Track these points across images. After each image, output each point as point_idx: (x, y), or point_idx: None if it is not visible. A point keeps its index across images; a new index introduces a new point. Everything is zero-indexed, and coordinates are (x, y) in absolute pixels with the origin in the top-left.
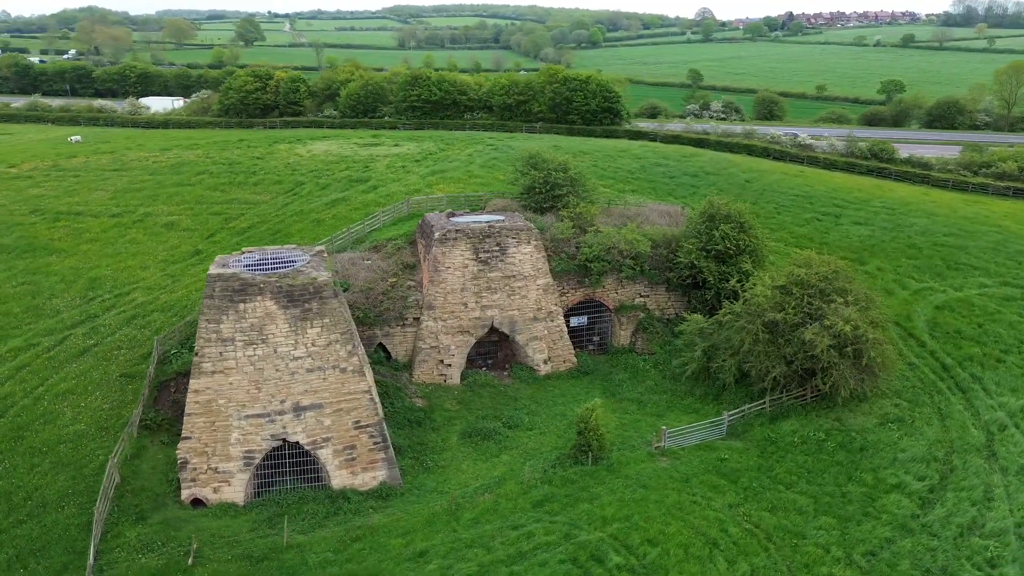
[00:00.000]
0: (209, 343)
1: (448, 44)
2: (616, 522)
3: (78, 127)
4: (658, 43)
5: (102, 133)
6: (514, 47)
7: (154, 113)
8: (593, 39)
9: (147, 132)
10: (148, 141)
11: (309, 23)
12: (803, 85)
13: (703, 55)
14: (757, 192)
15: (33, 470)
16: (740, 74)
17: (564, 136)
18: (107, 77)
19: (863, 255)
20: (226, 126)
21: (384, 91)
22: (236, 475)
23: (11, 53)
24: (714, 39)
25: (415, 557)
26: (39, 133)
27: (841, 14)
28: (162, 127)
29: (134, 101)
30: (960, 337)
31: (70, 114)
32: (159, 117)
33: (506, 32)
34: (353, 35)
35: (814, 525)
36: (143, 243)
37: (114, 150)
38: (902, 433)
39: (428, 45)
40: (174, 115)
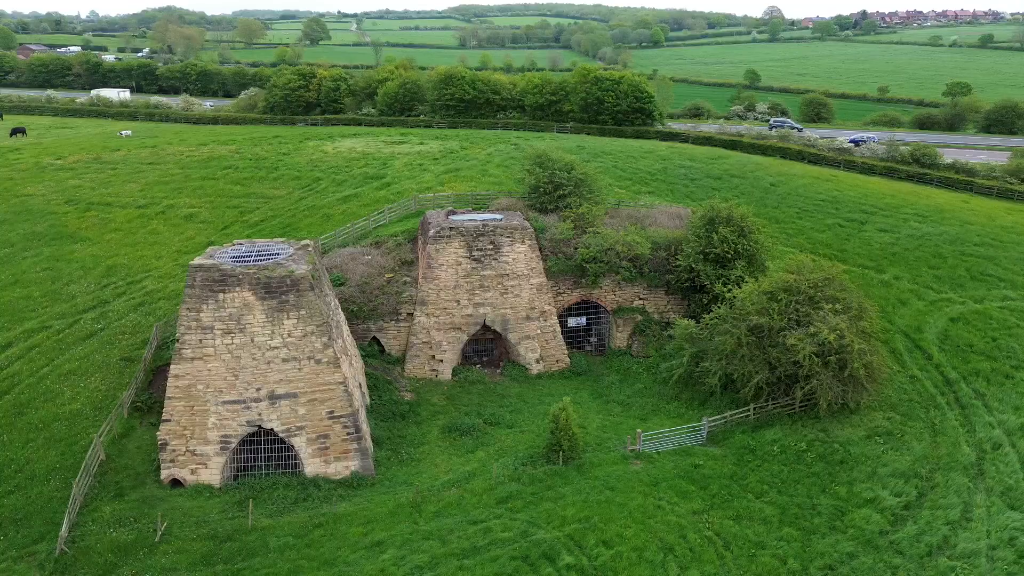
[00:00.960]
0: (189, 330)
1: (509, 43)
2: (575, 523)
3: (135, 122)
4: (721, 43)
5: (154, 128)
6: (574, 47)
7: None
8: (654, 39)
9: (195, 127)
10: (191, 136)
11: (375, 23)
12: (866, 86)
13: (767, 55)
14: (781, 196)
15: (27, 445)
16: (802, 75)
17: (593, 136)
18: (169, 75)
19: (882, 263)
20: (270, 122)
21: (421, 90)
22: (213, 458)
23: (86, 51)
24: (780, 39)
25: (372, 546)
26: (97, 128)
27: (918, 13)
28: (211, 123)
29: (99, 93)
30: (970, 351)
31: (128, 109)
32: (209, 113)
33: (567, 32)
34: (416, 34)
35: (776, 536)
36: (162, 234)
37: (155, 144)
38: (888, 447)
39: (489, 44)
40: (223, 111)
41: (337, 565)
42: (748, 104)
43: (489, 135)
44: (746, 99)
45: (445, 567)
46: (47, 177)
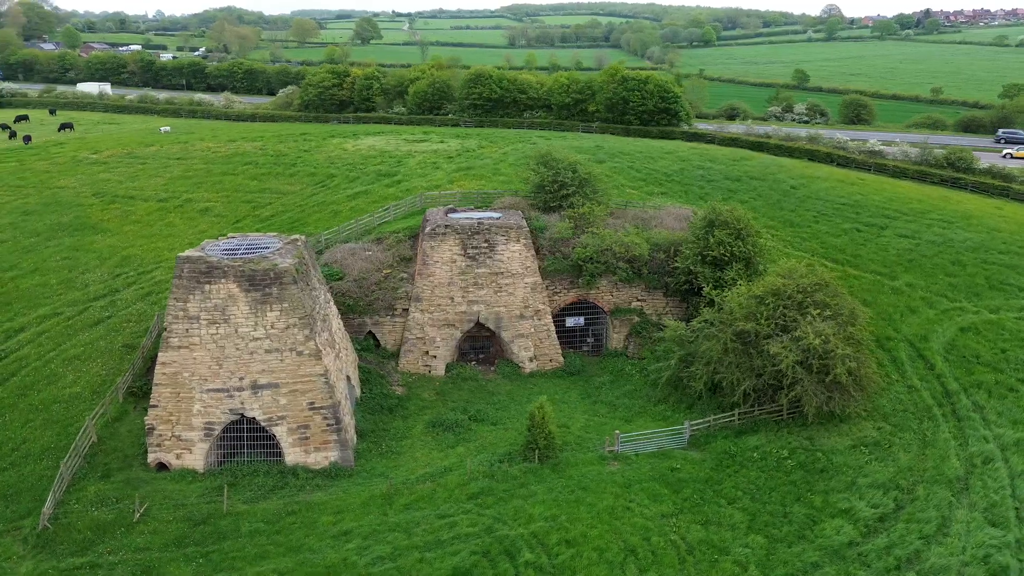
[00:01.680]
0: (176, 320)
1: (558, 43)
2: (541, 521)
3: (179, 119)
4: (776, 42)
5: (194, 124)
6: (623, 46)
7: (226, 106)
8: (705, 38)
9: (232, 124)
10: (224, 132)
11: (427, 22)
12: (919, 88)
13: (820, 55)
14: (800, 199)
15: (26, 425)
16: (854, 75)
17: (617, 136)
18: (218, 73)
19: (895, 270)
20: (304, 120)
21: (450, 89)
22: (197, 444)
23: (146, 50)
24: (838, 38)
25: (339, 535)
26: (142, 124)
27: (985, 12)
28: (249, 120)
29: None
30: (976, 362)
31: (174, 106)
32: (248, 110)
33: (617, 31)
34: (466, 33)
35: (742, 543)
36: (177, 226)
37: (188, 140)
38: (873, 457)
39: (537, 44)
40: (261, 109)
41: (302, 552)
42: (786, 105)
43: (511, 134)
44: (784, 100)
45: (406, 559)
46: (81, 171)
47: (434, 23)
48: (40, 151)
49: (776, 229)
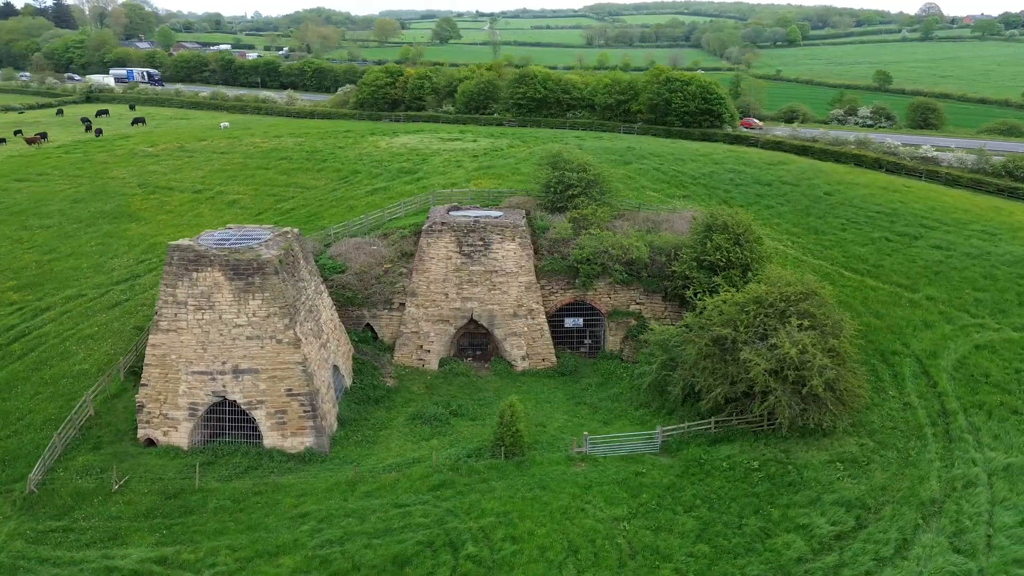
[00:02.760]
0: (166, 304)
1: (637, 43)
2: (493, 516)
3: (244, 115)
4: (866, 42)
5: (255, 120)
6: (703, 46)
7: (282, 103)
8: (790, 37)
9: (289, 120)
10: (275, 129)
11: (507, 22)
12: (1012, 91)
13: (912, 55)
14: (831, 206)
15: (35, 396)
16: (945, 77)
17: (657, 138)
18: (290, 71)
19: (919, 282)
20: (358, 118)
21: (497, 89)
22: (182, 423)
23: (222, 49)
24: (934, 38)
25: (297, 517)
26: (209, 119)
27: None
28: (307, 117)
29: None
30: (985, 381)
31: (241, 103)
32: (307, 108)
33: (698, 30)
34: (545, 33)
35: (687, 551)
36: (205, 217)
37: (239, 136)
38: (846, 474)
39: (615, 43)
40: (320, 106)
41: (258, 530)
42: (849, 107)
43: (546, 134)
44: (849, 102)
45: (353, 543)
46: (134, 163)
47: (515, 23)
48: (106, 144)
49: (798, 236)
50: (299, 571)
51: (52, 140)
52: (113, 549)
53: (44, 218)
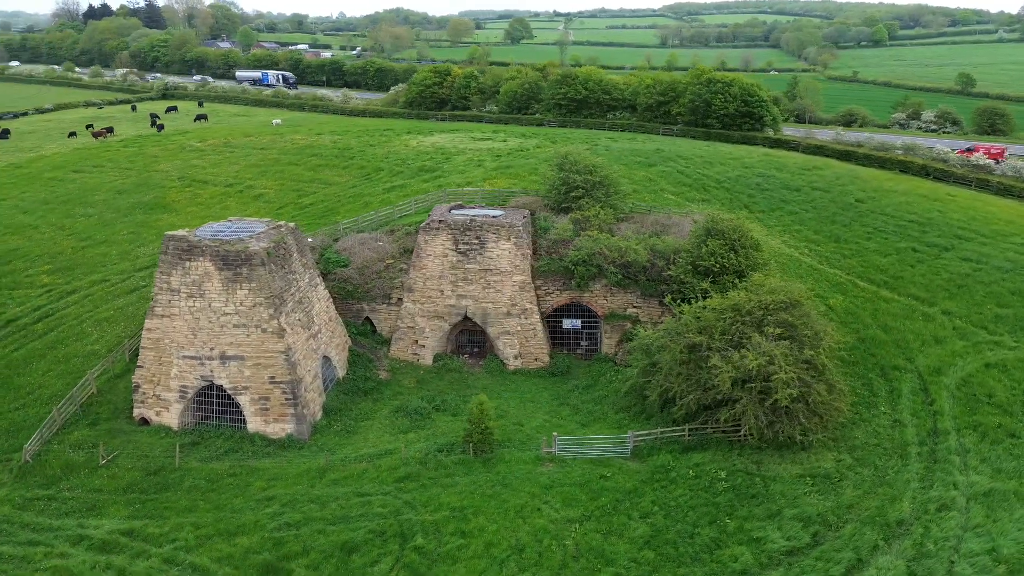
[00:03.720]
0: (161, 291)
1: (713, 42)
2: (448, 510)
3: (302, 112)
4: (959, 42)
5: (309, 118)
6: (782, 46)
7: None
8: (875, 37)
9: (340, 118)
10: (320, 126)
11: (582, 22)
12: None
13: (1008, 57)
14: (859, 214)
15: (47, 373)
16: None
17: (695, 140)
18: (353, 70)
19: (938, 295)
20: (407, 117)
21: (540, 89)
22: (173, 404)
23: (293, 49)
24: None
25: (263, 500)
26: (267, 116)
27: None
28: (360, 115)
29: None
30: (987, 402)
31: (300, 101)
32: (360, 106)
33: (778, 29)
34: (620, 33)
35: (632, 556)
36: (230, 209)
37: (283, 133)
38: (814, 489)
39: (691, 43)
40: (372, 105)
41: (225, 510)
42: (913, 111)
43: (580, 135)
44: (911, 105)
45: (309, 528)
46: (181, 157)
47: (590, 23)
48: (162, 138)
49: (818, 244)
50: (252, 551)
51: (118, 134)
52: (89, 519)
53: (88, 207)
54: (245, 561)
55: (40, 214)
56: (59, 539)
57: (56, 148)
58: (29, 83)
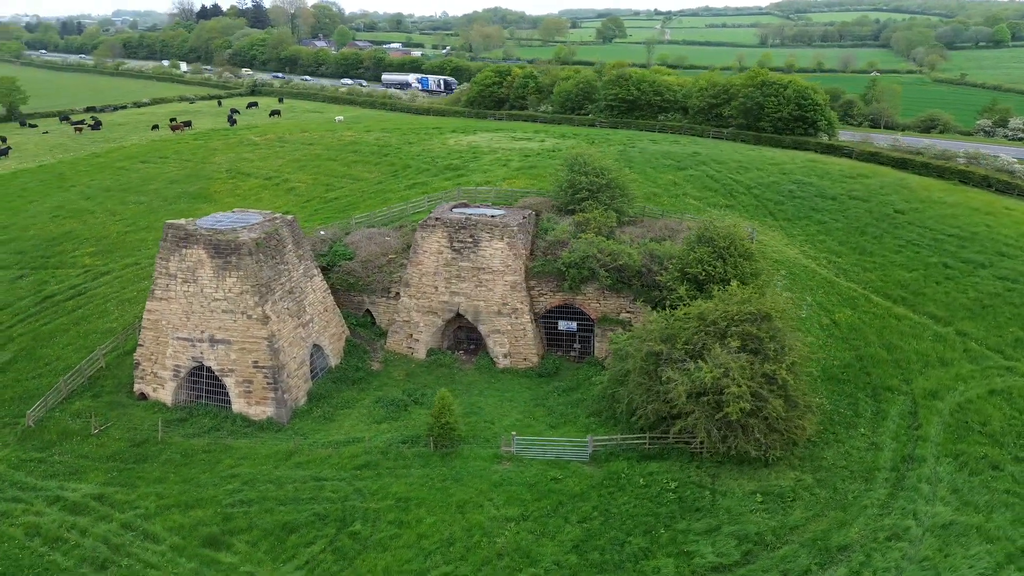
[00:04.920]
0: (160, 276)
1: (817, 42)
2: (392, 500)
3: (373, 109)
4: None
5: (373, 115)
6: (893, 45)
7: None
8: (996, 37)
9: (401, 115)
10: (375, 124)
11: (680, 21)
12: None
13: None
14: (894, 226)
15: (67, 347)
16: None
17: (746, 144)
18: (431, 69)
19: (957, 314)
20: (466, 115)
21: (594, 90)
22: (167, 382)
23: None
24: None
25: (227, 476)
26: (338, 113)
27: None
28: (424, 113)
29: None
30: (979, 430)
31: (371, 99)
32: (424, 104)
33: (888, 28)
34: (718, 32)
35: (553, 559)
36: (263, 200)
37: (335, 129)
38: (763, 508)
39: (792, 43)
40: (435, 104)
41: (190, 484)
42: (1000, 118)
43: (622, 136)
44: (999, 112)
45: (260, 506)
46: (236, 150)
47: (688, 21)
48: (229, 133)
49: (841, 255)
50: (202, 523)
51: (195, 128)
52: (70, 483)
53: (141, 195)
54: (193, 532)
55: (99, 200)
56: (39, 498)
57: (136, 140)
58: (138, 78)
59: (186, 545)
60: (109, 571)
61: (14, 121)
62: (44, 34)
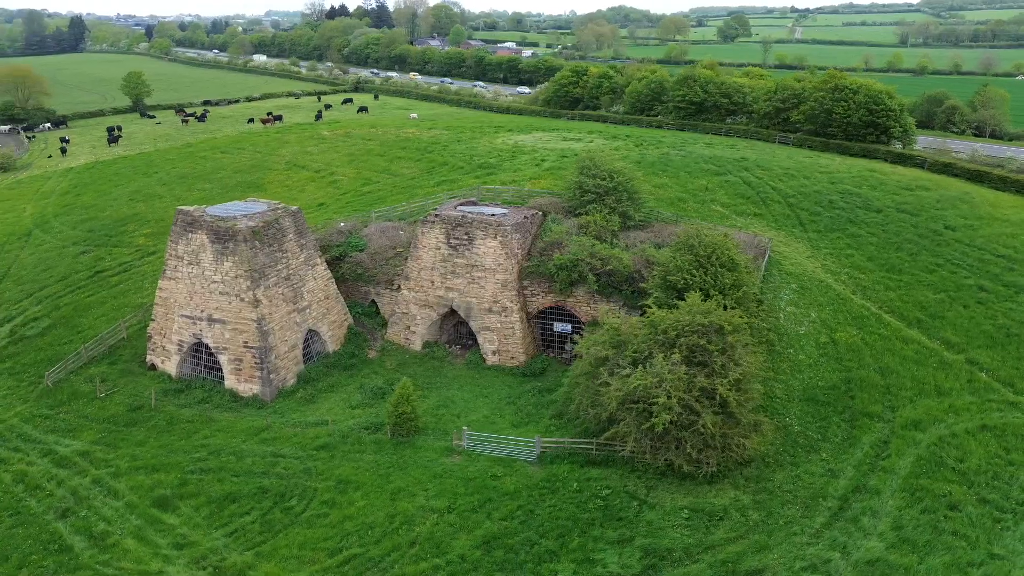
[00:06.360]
0: (171, 257)
1: (967, 42)
2: (334, 481)
3: (458, 107)
4: None
5: (452, 112)
6: None
7: (440, 89)
8: None
9: (478, 114)
10: (440, 121)
11: (815, 19)
12: None
13: None
14: (938, 244)
15: (100, 317)
16: None
17: (814, 151)
18: (529, 68)
19: (974, 343)
20: (542, 115)
21: (665, 91)
22: (173, 355)
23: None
24: None
25: (198, 446)
26: (425, 109)
27: None
28: (504, 112)
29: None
30: (954, 468)
31: (458, 97)
32: (504, 103)
33: None
34: (856, 31)
35: (462, 553)
36: (307, 191)
37: (403, 126)
38: (685, 524)
39: (937, 43)
40: (515, 102)
41: (165, 449)
42: None
43: (674, 138)
44: None
45: (214, 475)
46: (304, 144)
47: (825, 19)
48: (308, 127)
49: (865, 272)
50: (159, 485)
51: (284, 122)
52: (65, 439)
53: (208, 183)
54: (149, 492)
55: (172, 186)
56: (35, 450)
57: (229, 131)
58: (262, 75)
59: (139, 504)
60: (68, 519)
61: (137, 112)
62: (192, 33)
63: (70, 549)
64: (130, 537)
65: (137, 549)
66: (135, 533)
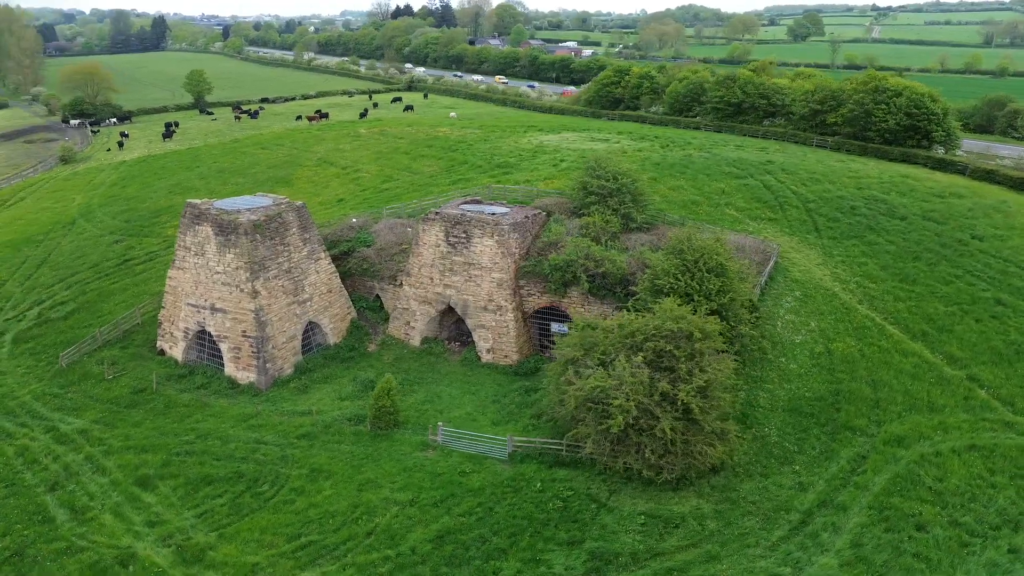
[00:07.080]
0: (180, 248)
1: None
2: (307, 469)
3: (504, 107)
4: None
5: (493, 111)
6: None
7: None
8: None
9: (518, 112)
10: (480, 120)
11: (896, 17)
12: None
13: None
14: (959, 254)
15: (120, 303)
16: None
17: (851, 155)
18: (580, 67)
19: (979, 359)
20: (583, 115)
21: (704, 91)
22: (180, 342)
23: (537, 45)
24: None
25: (188, 429)
26: (473, 108)
27: None
28: (546, 112)
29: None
30: (928, 487)
31: (506, 96)
32: (547, 103)
33: None
34: (939, 31)
35: (413, 546)
36: (330, 187)
37: (436, 125)
38: (641, 530)
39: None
40: (557, 103)
41: (157, 431)
42: None
43: (705, 139)
44: None
45: (197, 458)
46: (338, 141)
47: (907, 18)
48: (349, 124)
49: (876, 281)
50: (144, 465)
51: (331, 119)
52: (69, 417)
53: (241, 177)
54: (134, 472)
55: (209, 180)
56: (39, 426)
57: (276, 128)
58: (323, 73)
59: (123, 481)
60: (56, 493)
61: (197, 108)
62: (265, 32)
63: (52, 520)
64: (108, 513)
65: (112, 524)
66: (113, 509)
